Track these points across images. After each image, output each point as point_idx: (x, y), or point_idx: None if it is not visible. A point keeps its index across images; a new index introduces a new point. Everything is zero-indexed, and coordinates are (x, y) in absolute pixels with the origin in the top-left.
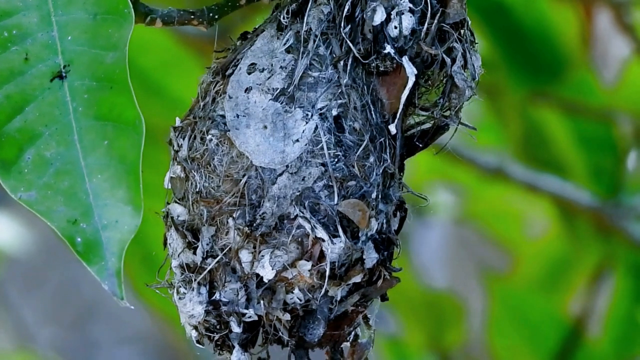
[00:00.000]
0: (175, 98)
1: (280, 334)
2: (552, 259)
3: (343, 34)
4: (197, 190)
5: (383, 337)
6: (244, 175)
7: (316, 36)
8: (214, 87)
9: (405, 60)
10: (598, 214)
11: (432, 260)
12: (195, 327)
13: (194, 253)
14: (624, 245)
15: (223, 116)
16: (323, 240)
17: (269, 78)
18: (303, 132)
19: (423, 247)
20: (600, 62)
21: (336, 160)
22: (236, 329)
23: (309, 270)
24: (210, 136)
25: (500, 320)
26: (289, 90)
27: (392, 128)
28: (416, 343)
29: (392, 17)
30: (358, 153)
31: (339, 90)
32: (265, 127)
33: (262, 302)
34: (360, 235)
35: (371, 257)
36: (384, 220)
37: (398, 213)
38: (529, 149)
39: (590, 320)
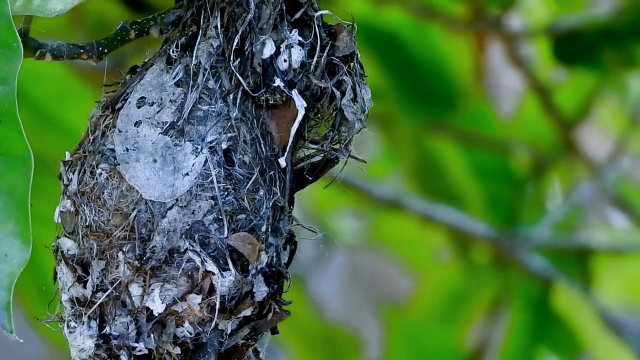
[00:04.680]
0: (70, 129)
1: None
2: (450, 291)
3: (232, 68)
4: (87, 224)
5: None
6: (133, 209)
7: (205, 70)
8: (104, 121)
9: (294, 93)
10: (494, 245)
11: (329, 293)
12: None
13: (84, 287)
14: (520, 277)
15: (113, 150)
16: (213, 274)
17: (158, 112)
18: (193, 165)
19: (320, 279)
20: (493, 94)
21: (226, 193)
22: None
23: (199, 304)
24: (100, 170)
25: (397, 352)
26: (178, 124)
27: (282, 161)
28: None
29: (281, 50)
30: (248, 186)
31: (229, 124)
32: (155, 160)
33: (152, 335)
34: (250, 268)
35: (261, 291)
36: (274, 254)
37: (288, 246)
38: (424, 180)
39: (487, 352)
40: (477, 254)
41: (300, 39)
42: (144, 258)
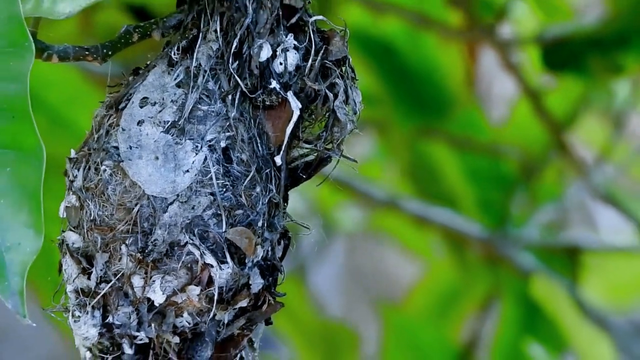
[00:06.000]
0: (81, 131)
1: (170, 355)
2: (444, 288)
3: (231, 70)
4: (92, 218)
5: None
6: (136, 204)
7: (205, 72)
8: (108, 120)
9: (290, 95)
10: (486, 244)
11: (330, 290)
12: (90, 349)
13: (89, 278)
14: (510, 275)
15: (116, 147)
16: (211, 266)
17: (160, 111)
18: (193, 163)
19: (321, 277)
20: (485, 101)
21: (224, 190)
22: (128, 350)
23: (197, 295)
24: (104, 167)
25: (394, 347)
26: (179, 123)
27: (278, 160)
28: None
29: (277, 53)
30: (245, 183)
31: (227, 123)
32: (157, 158)
33: (152, 325)
34: (246, 261)
35: (257, 283)
36: (269, 248)
37: (282, 241)
38: (420, 183)
39: (479, 346)
40: (470, 253)
41: (296, 43)
42: (146, 251)
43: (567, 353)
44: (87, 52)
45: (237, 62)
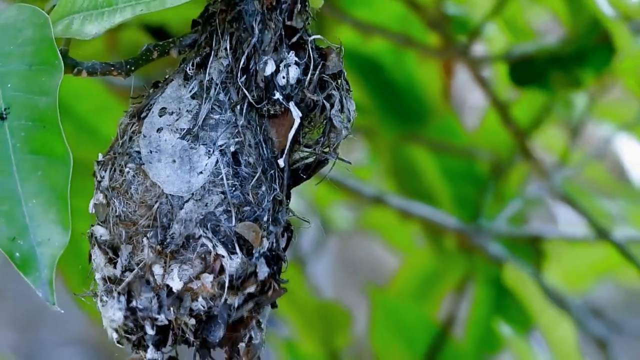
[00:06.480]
0: (106, 138)
1: (187, 335)
2: (424, 273)
3: (239, 83)
4: (117, 214)
5: (281, 340)
6: (156, 202)
7: (217, 85)
8: (131, 128)
9: (291, 105)
10: (461, 235)
11: (325, 275)
12: (116, 330)
13: (114, 267)
14: (483, 261)
15: (139, 152)
16: (223, 257)
17: (177, 120)
18: (206, 165)
19: (317, 265)
20: (460, 111)
21: (234, 189)
22: (150, 331)
23: (211, 282)
24: (127, 169)
25: (380, 325)
26: (194, 130)
27: (281, 162)
28: (309, 345)
29: (280, 68)
30: (252, 183)
31: (236, 130)
32: (174, 161)
33: (171, 308)
34: (254, 252)
35: (263, 271)
36: (274, 240)
37: (285, 234)
38: (403, 181)
39: (455, 324)
40: (447, 242)
41: (297, 59)
42: (165, 243)
43: (532, 331)
44: (112, 68)
45: (244, 76)
